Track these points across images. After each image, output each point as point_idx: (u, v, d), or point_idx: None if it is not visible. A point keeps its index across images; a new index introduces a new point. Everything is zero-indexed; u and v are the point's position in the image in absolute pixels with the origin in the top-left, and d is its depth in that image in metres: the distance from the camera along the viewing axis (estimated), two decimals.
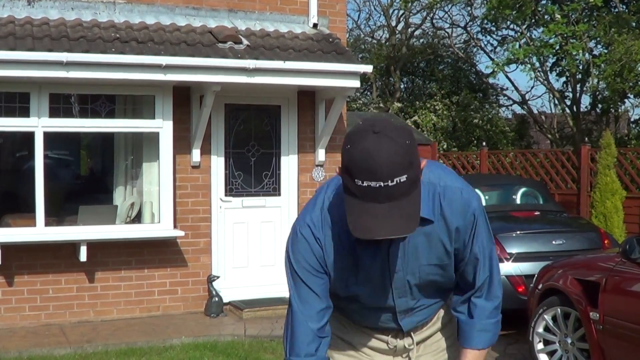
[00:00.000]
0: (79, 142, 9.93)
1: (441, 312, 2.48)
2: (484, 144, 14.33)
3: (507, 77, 21.55)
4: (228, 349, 6.85)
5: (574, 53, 15.16)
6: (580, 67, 16.73)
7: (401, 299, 2.30)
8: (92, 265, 7.86)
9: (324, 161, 8.83)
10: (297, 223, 2.23)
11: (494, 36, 21.26)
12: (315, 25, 8.75)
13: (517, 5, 15.77)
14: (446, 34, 23.39)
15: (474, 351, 2.34)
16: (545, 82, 18.55)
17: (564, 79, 18.78)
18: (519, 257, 7.40)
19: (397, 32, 23.64)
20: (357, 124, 2.00)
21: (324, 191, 2.24)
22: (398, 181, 1.88)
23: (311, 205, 2.24)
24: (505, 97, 23.00)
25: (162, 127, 7.88)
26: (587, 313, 5.38)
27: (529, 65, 16.82)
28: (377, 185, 1.87)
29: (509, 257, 7.38)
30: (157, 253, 8.17)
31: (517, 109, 22.88)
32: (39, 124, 7.43)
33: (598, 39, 15.37)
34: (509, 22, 18.27)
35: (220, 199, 8.50)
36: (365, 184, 1.88)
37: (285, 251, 2.25)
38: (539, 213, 8.73)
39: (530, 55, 16.26)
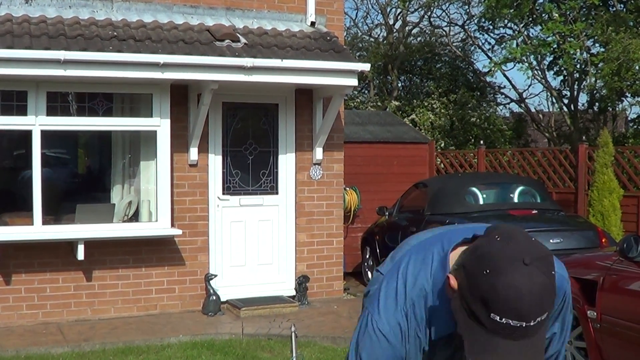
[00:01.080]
0: (76, 141, 9.91)
1: None
2: (482, 142, 14.34)
3: (504, 75, 21.52)
4: (225, 348, 6.84)
5: (572, 52, 15.16)
6: (578, 66, 16.73)
7: None
8: (89, 263, 7.85)
9: (321, 159, 8.83)
10: (373, 316, 1.93)
11: (492, 35, 21.28)
12: (312, 24, 8.74)
13: (515, 4, 15.77)
14: (444, 33, 23.38)
15: None
16: (543, 80, 18.56)
17: (561, 77, 18.80)
18: None
19: (394, 30, 23.62)
20: (494, 239, 1.72)
21: (401, 281, 1.94)
22: (539, 320, 1.65)
23: (392, 302, 1.92)
24: (503, 96, 23.01)
25: (160, 125, 7.87)
26: (585, 311, 5.38)
27: (526, 64, 16.82)
28: (518, 325, 1.64)
29: None
30: (155, 252, 8.16)
31: (515, 107, 22.90)
32: (37, 123, 7.42)
33: (596, 37, 15.38)
34: (506, 21, 18.27)
35: (218, 198, 8.50)
36: (504, 321, 1.63)
37: (358, 343, 1.95)
38: (536, 212, 8.73)
39: (528, 54, 16.26)
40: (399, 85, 23.75)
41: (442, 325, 1.88)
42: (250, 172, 8.71)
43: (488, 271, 1.65)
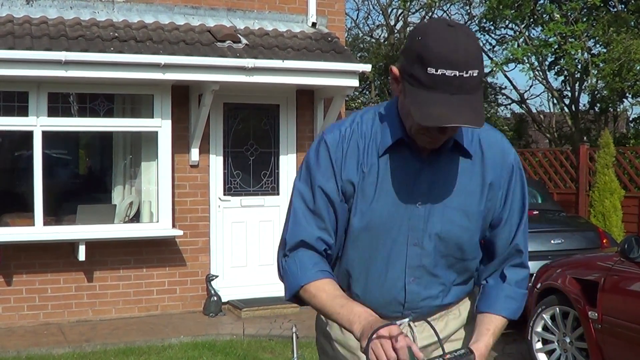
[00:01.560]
0: (77, 142, 9.93)
1: (451, 320, 2.24)
2: None
3: (505, 76, 21.51)
4: (226, 348, 6.85)
5: (573, 52, 15.16)
6: (579, 67, 16.73)
7: (416, 246, 2.08)
8: (90, 264, 7.85)
9: None
10: (323, 132, 2.14)
11: (493, 35, 21.27)
12: (314, 25, 8.74)
13: (516, 5, 15.77)
14: None
15: (496, 317, 2.13)
16: (544, 81, 18.55)
17: (562, 78, 18.79)
18: None
19: (395, 31, 23.63)
20: (423, 22, 2.02)
21: (358, 113, 2.16)
22: (472, 74, 1.84)
23: (342, 121, 2.16)
24: (504, 96, 23.00)
25: (161, 126, 7.87)
26: (586, 312, 5.38)
27: (527, 65, 16.82)
28: (452, 74, 1.83)
29: None
30: (156, 252, 8.16)
31: (516, 108, 22.89)
32: (38, 123, 7.43)
33: (597, 38, 15.38)
34: (507, 22, 18.26)
35: (219, 198, 8.50)
36: (439, 72, 1.84)
37: (305, 156, 2.16)
38: (537, 212, 8.73)
39: (529, 54, 16.26)
40: None
41: (388, 134, 2.06)
42: (252, 172, 8.71)
43: (420, 37, 1.89)
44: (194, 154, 8.21)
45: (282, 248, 2.14)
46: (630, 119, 20.33)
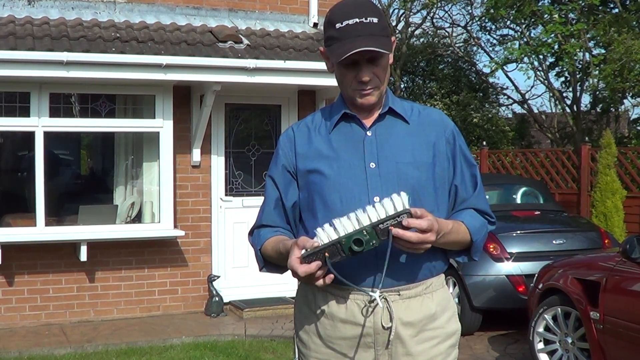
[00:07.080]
0: (79, 142, 9.93)
1: (427, 300, 2.32)
2: (484, 143, 14.33)
3: (507, 76, 21.57)
4: (228, 349, 6.85)
5: (573, 52, 15.16)
6: (580, 67, 16.74)
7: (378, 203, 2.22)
8: (92, 265, 7.86)
9: None
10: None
11: (494, 35, 21.28)
12: (315, 25, 8.75)
13: (517, 5, 15.77)
14: (446, 34, 23.39)
15: (459, 221, 2.31)
16: (545, 81, 18.55)
17: (563, 78, 18.80)
18: (520, 257, 7.41)
19: (397, 31, 23.64)
20: None
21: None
22: (371, 20, 2.20)
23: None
24: (506, 97, 23.00)
25: (163, 126, 7.88)
26: (588, 312, 5.38)
27: (527, 65, 16.82)
28: (354, 22, 2.19)
29: (509, 256, 7.38)
30: (158, 253, 8.17)
31: (518, 108, 22.89)
32: (39, 124, 7.44)
33: (597, 38, 15.38)
34: (508, 22, 18.28)
35: (221, 199, 8.50)
36: (344, 23, 2.21)
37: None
38: (539, 212, 8.73)
39: (529, 54, 16.27)
40: (402, 86, 23.74)
41: (335, 113, 2.38)
42: (253, 173, 8.71)
43: (328, 13, 2.28)
44: (196, 154, 8.22)
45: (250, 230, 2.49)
46: (632, 119, 20.34)
